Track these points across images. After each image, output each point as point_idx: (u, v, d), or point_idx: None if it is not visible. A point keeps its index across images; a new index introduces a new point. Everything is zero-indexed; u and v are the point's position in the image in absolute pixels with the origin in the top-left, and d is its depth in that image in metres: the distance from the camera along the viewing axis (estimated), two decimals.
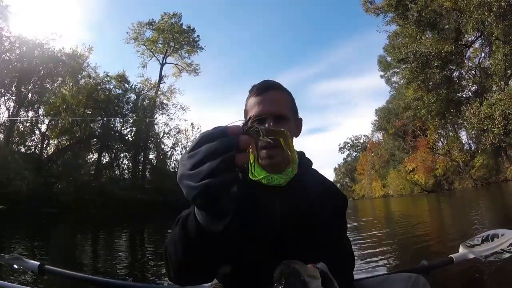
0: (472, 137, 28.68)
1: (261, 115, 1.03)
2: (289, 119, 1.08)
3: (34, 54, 23.17)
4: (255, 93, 1.09)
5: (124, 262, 5.58)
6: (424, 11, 20.87)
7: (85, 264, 5.28)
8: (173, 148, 35.14)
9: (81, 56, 27.04)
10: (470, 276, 3.25)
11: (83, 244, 8.49)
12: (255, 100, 1.08)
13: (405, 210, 16.66)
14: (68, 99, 25.26)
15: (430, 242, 6.20)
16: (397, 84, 42.02)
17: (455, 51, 21.41)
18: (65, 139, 26.10)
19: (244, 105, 1.15)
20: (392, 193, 41.81)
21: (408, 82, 23.05)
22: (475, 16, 17.46)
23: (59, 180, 22.93)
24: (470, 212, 10.75)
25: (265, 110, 1.03)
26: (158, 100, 33.87)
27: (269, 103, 1.06)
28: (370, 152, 52.92)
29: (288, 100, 1.13)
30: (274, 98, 1.08)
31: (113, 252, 6.68)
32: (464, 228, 7.12)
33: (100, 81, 29.16)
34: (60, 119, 24.86)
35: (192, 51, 36.99)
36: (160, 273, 4.36)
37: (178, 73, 37.02)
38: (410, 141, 38.14)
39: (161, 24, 35.37)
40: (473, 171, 27.85)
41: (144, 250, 7.28)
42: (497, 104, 16.90)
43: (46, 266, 1.70)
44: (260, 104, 1.06)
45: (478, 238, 1.92)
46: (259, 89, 1.10)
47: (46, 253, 6.24)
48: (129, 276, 4.34)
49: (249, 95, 1.13)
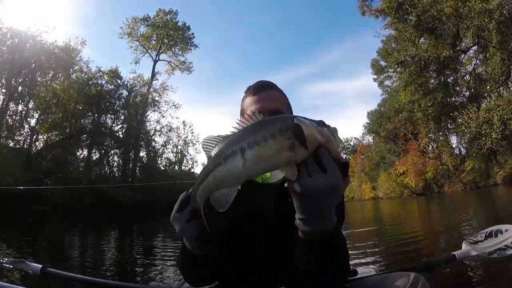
0: (465, 142, 29.06)
1: (260, 111, 1.05)
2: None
3: (26, 46, 22.63)
4: (252, 93, 1.19)
5: (114, 262, 5.50)
6: (423, 16, 21.15)
7: (75, 264, 5.17)
8: (164, 146, 34.58)
9: (74, 50, 26.48)
10: (473, 274, 3.25)
11: (73, 243, 8.34)
12: (253, 99, 1.17)
13: (400, 211, 16.77)
14: (59, 93, 24.70)
15: (429, 240, 6.25)
16: (389, 88, 42.55)
17: (453, 56, 21.80)
18: (54, 134, 25.55)
19: (240, 105, 1.24)
20: (382, 195, 42.13)
21: (406, 85, 23.25)
22: (476, 22, 17.79)
23: (48, 177, 22.44)
24: (462, 213, 10.92)
25: (263, 108, 1.12)
26: (150, 97, 33.42)
27: (266, 101, 1.15)
28: (360, 155, 53.26)
29: (283, 98, 1.23)
30: (270, 96, 1.17)
31: (102, 252, 6.57)
32: (462, 227, 7.19)
33: (92, 76, 28.64)
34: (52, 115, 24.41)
35: (186, 49, 36.73)
36: (149, 273, 4.32)
37: (171, 70, 36.79)
38: (402, 144, 38.51)
39: (156, 21, 34.98)
40: (463, 175, 28.22)
41: (134, 250, 7.18)
42: (494, 109, 17.26)
43: (48, 268, 1.69)
44: (257, 102, 1.15)
45: (482, 234, 1.88)
46: (255, 88, 1.19)
47: (35, 252, 6.10)
48: (119, 276, 4.29)
49: (245, 95, 1.22)
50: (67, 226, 12.89)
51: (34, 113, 24.40)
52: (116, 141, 30.70)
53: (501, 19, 16.69)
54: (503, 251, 1.71)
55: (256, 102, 1.16)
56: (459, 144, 32.65)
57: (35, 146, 24.64)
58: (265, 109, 1.10)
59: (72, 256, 6.16)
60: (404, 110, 25.93)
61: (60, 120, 25.06)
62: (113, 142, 30.68)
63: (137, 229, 13.33)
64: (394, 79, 40.73)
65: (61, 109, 24.81)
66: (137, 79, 33.42)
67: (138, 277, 4.26)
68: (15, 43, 22.27)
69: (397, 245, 5.83)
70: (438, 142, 34.27)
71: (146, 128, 33.68)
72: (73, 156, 26.17)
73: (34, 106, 23.95)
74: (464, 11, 18.20)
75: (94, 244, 8.16)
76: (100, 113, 29.60)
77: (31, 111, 24.13)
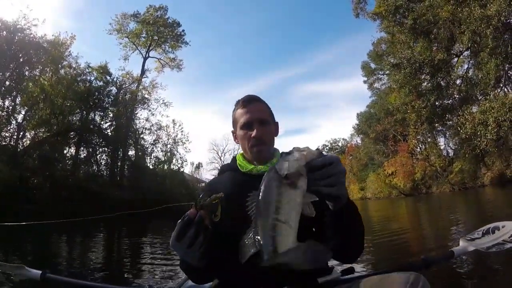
0: (454, 144, 29.60)
1: (249, 121, 1.37)
2: (270, 123, 1.42)
3: (14, 39, 21.88)
4: (241, 106, 1.41)
5: (102, 264, 5.40)
6: (419, 19, 21.52)
7: (63, 266, 5.07)
8: (154, 144, 34.05)
9: (63, 45, 25.84)
10: (471, 271, 3.28)
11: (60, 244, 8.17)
12: (242, 111, 1.40)
13: (393, 211, 17.02)
14: (47, 89, 24.06)
15: (425, 238, 6.34)
16: (378, 90, 43.10)
17: (447, 60, 22.29)
18: (42, 131, 25.00)
19: (232, 117, 1.46)
20: (370, 195, 42.55)
21: (401, 86, 23.62)
22: (472, 28, 18.22)
23: (35, 175, 21.93)
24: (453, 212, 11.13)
25: (252, 117, 1.37)
26: (139, 95, 32.85)
27: (254, 112, 1.38)
28: (348, 156, 53.69)
29: (267, 109, 1.45)
30: (256, 108, 1.40)
31: (90, 253, 6.44)
32: (456, 225, 7.29)
33: (81, 72, 28.07)
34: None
35: (176, 46, 36.40)
36: (147, 274, 4.27)
37: (161, 68, 36.38)
38: (391, 146, 38.95)
39: (146, 17, 34.44)
40: (451, 176, 28.69)
41: (122, 252, 7.09)
42: (489, 111, 17.73)
43: (48, 274, 1.67)
44: (246, 113, 1.38)
45: (479, 232, 1.88)
46: (244, 102, 1.41)
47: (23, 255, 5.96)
48: (118, 278, 4.23)
49: (235, 108, 1.45)
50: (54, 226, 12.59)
51: (21, 109, 23.69)
52: (104, 139, 30.09)
53: (499, 25, 17.17)
54: (501, 245, 1.71)
55: (246, 113, 1.39)
56: (447, 145, 33.36)
57: (22, 143, 23.94)
58: (253, 119, 1.37)
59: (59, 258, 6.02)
60: (398, 111, 26.19)
61: (48, 117, 24.46)
62: (101, 140, 30.08)
63: (127, 229, 13.18)
64: (384, 82, 41.37)
65: (49, 105, 24.15)
66: (127, 76, 32.71)
67: (136, 279, 4.20)
68: (3, 36, 21.50)
69: (393, 243, 5.89)
70: (426, 144, 34.75)
71: (135, 126, 33.22)
72: (61, 154, 25.61)
73: (21, 102, 23.37)
74: (463, 16, 18.62)
75: (83, 245, 8.01)
76: (89, 110, 28.93)
77: (18, 106, 23.48)
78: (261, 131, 1.35)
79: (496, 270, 3.27)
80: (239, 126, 1.40)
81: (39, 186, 20.96)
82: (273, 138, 1.45)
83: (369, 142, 44.88)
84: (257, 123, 1.36)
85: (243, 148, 1.43)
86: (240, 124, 1.39)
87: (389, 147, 39.59)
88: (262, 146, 1.36)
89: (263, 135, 1.36)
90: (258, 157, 1.37)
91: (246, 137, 1.37)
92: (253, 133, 1.35)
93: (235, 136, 1.47)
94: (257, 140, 1.35)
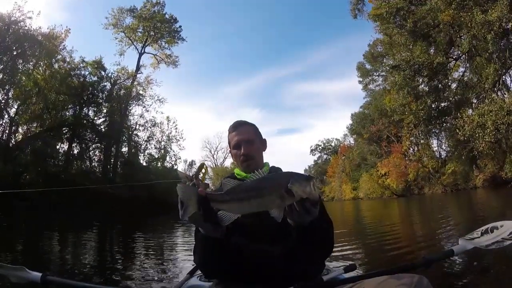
0: (448, 145, 29.82)
1: (238, 142, 1.62)
2: (255, 141, 1.66)
3: (8, 31, 21.35)
4: (232, 130, 1.68)
5: (96, 263, 5.32)
6: (419, 22, 21.74)
7: (60, 266, 5.00)
8: (147, 141, 33.56)
9: (57, 38, 25.37)
10: (470, 269, 3.31)
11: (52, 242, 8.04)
12: (233, 134, 1.66)
13: (388, 212, 17.08)
14: (41, 83, 23.67)
15: (426, 237, 6.36)
16: (372, 91, 43.25)
17: (445, 63, 22.57)
18: (34, 126, 24.70)
19: (227, 138, 1.71)
20: (362, 196, 42.85)
21: (400, 88, 23.78)
22: (473, 32, 18.49)
23: (28, 170, 21.59)
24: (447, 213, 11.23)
25: (240, 139, 1.63)
26: (134, 91, 32.27)
27: (241, 134, 1.64)
28: (341, 156, 53.94)
29: (253, 131, 1.70)
30: (244, 131, 1.66)
31: (83, 253, 6.34)
32: (453, 224, 7.35)
33: (75, 66, 27.56)
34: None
35: (172, 42, 35.92)
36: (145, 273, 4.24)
37: (157, 64, 36.00)
38: (385, 146, 39.20)
39: (143, 12, 33.95)
40: (444, 178, 29.01)
41: (114, 251, 7.02)
42: (487, 114, 18.06)
43: (48, 276, 1.65)
44: (236, 136, 1.65)
45: (478, 231, 1.89)
46: (234, 126, 1.68)
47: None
48: (119, 278, 4.16)
49: (229, 132, 1.70)
50: (45, 224, 12.45)
51: (13, 103, 23.24)
52: (97, 135, 29.65)
53: (500, 31, 17.47)
54: (500, 243, 1.73)
55: (235, 135, 1.65)
56: (440, 147, 33.65)
57: (14, 138, 23.57)
58: (241, 140, 1.62)
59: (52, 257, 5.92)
60: (395, 113, 26.32)
61: (41, 111, 24.14)
62: (94, 136, 29.65)
63: (122, 227, 13.10)
64: (379, 83, 41.55)
65: (42, 100, 23.80)
66: (121, 71, 32.11)
67: (134, 278, 4.15)
68: None
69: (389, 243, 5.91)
70: (420, 145, 35.04)
71: (129, 122, 32.82)
72: (54, 149, 25.29)
73: (14, 95, 22.99)
74: (465, 21, 18.85)
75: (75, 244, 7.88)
76: (82, 106, 28.53)
77: (11, 100, 23.10)
78: (248, 149, 1.61)
79: (496, 270, 3.31)
80: (231, 147, 1.68)
81: (32, 182, 20.64)
82: (260, 153, 1.70)
83: (363, 143, 45.16)
84: (244, 143, 1.62)
85: (237, 164, 1.69)
86: (232, 145, 1.67)
87: (383, 148, 39.89)
88: (250, 161, 1.61)
89: (250, 152, 1.61)
90: (247, 170, 1.57)
91: (237, 155, 1.64)
92: (241, 151, 1.61)
93: (231, 155, 1.74)
94: (245, 156, 1.60)
